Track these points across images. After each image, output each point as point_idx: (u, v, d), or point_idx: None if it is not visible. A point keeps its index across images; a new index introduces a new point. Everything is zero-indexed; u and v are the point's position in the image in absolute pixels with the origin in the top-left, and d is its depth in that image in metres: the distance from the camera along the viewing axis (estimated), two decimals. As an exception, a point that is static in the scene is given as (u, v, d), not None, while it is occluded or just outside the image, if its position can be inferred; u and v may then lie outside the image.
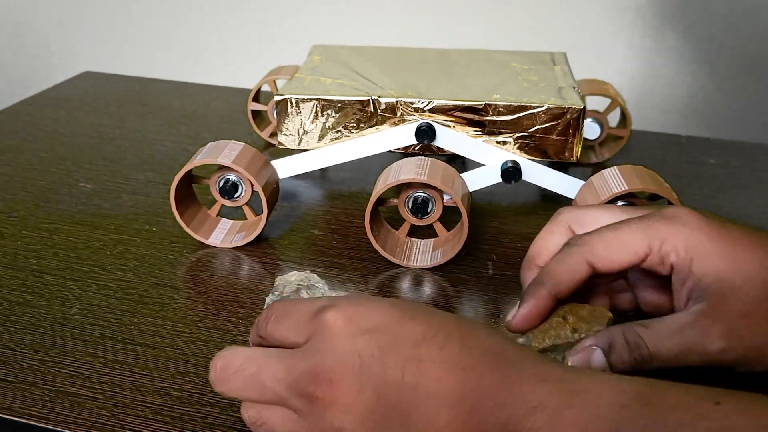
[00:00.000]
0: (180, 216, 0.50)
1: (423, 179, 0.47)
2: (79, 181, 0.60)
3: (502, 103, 0.51)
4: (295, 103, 0.52)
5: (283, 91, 0.53)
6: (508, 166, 0.52)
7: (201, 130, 0.71)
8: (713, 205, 0.60)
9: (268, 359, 0.30)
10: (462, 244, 0.49)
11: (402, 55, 0.62)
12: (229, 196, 0.51)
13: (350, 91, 0.53)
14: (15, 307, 0.44)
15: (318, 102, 0.52)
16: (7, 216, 0.54)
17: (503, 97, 0.52)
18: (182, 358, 0.40)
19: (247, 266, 0.49)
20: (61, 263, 0.49)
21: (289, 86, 0.54)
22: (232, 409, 0.37)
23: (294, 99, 0.52)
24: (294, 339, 0.31)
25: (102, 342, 0.41)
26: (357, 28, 1.20)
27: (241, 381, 0.30)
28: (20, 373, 0.39)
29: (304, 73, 0.57)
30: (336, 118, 0.53)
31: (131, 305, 0.45)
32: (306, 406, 0.29)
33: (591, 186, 0.49)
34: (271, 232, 0.53)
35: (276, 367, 0.30)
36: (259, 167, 0.50)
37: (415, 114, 0.52)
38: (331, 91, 0.53)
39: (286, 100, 0.53)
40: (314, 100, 0.52)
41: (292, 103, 0.53)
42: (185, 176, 0.50)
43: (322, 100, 0.52)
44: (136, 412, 0.36)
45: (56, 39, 1.40)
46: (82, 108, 0.76)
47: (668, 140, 0.73)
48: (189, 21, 1.30)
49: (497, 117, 0.51)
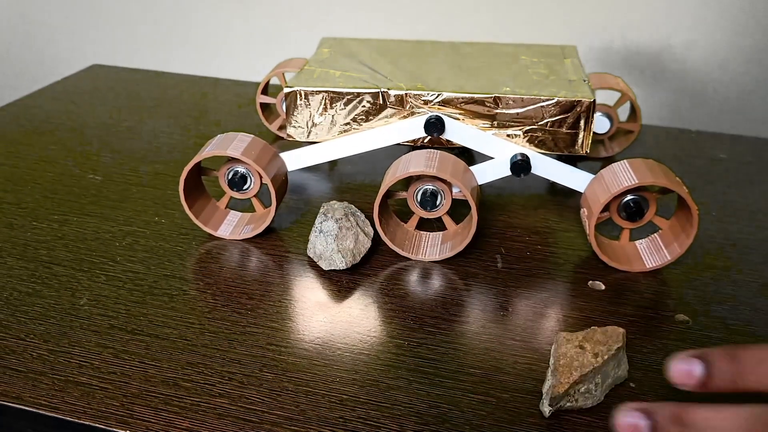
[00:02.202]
0: (189, 208, 0.50)
1: (432, 172, 0.47)
2: (88, 173, 0.60)
3: (511, 96, 0.51)
4: (305, 95, 0.52)
5: (293, 83, 0.53)
6: (517, 159, 0.51)
7: (209, 122, 0.71)
8: (724, 200, 0.59)
9: (725, 415, 0.29)
10: (471, 236, 0.48)
11: (411, 47, 0.62)
12: (237, 188, 0.51)
13: (359, 83, 0.53)
14: (25, 297, 0.44)
15: (327, 94, 0.52)
16: (17, 207, 0.54)
17: (513, 90, 0.51)
18: (191, 349, 0.40)
19: (255, 258, 0.49)
20: (70, 254, 0.49)
21: (298, 78, 0.54)
22: (240, 400, 0.37)
23: (303, 91, 0.52)
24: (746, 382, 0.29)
25: (111, 332, 0.41)
26: (366, 21, 1.19)
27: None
28: (30, 363, 0.39)
29: (313, 65, 0.56)
30: (345, 111, 0.52)
31: (140, 296, 0.45)
32: None
33: (601, 179, 0.49)
34: (280, 224, 0.53)
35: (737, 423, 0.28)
36: (267, 159, 0.50)
37: (425, 106, 0.52)
38: (341, 84, 0.53)
39: (295, 92, 0.53)
40: (323, 92, 0.52)
41: (302, 95, 0.52)
42: (194, 168, 0.50)
43: (331, 92, 0.52)
44: (146, 402, 0.37)
45: (65, 32, 1.40)
46: (91, 101, 0.76)
47: (678, 134, 0.73)
48: (197, 14, 1.30)
49: (507, 110, 0.51)
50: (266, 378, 0.38)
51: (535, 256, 0.51)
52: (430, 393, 0.38)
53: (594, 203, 0.48)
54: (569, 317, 0.44)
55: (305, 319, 0.43)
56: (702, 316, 0.45)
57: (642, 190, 0.48)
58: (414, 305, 0.45)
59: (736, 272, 0.50)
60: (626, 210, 0.49)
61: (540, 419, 0.37)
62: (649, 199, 0.49)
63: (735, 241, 0.53)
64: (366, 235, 0.48)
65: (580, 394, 0.37)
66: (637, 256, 0.50)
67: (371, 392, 0.38)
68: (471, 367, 0.40)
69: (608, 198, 0.47)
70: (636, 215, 0.49)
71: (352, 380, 0.39)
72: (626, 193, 0.48)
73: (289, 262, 0.49)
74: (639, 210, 0.49)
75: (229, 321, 0.43)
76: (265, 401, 0.37)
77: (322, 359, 0.40)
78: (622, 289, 0.47)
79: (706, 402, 0.29)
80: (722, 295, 0.47)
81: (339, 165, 0.63)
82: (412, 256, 0.49)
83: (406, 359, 0.40)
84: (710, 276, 0.49)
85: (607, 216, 0.49)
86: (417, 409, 0.37)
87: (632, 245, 0.51)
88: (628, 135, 0.64)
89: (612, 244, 0.51)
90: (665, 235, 0.50)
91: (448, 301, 0.45)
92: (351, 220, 0.48)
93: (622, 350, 0.39)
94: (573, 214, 0.56)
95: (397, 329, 0.43)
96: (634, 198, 0.48)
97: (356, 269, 0.48)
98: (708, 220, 0.56)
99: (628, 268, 0.49)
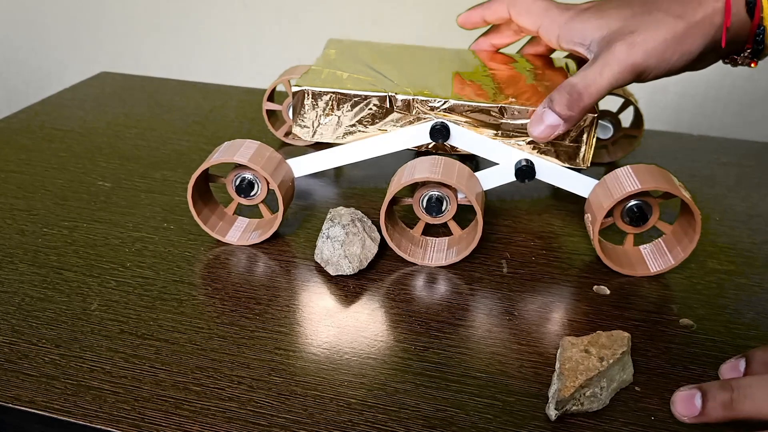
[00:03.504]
0: (197, 214, 0.51)
1: (438, 178, 0.47)
2: (97, 179, 0.61)
3: (517, 107, 0.51)
4: (312, 95, 0.53)
5: (301, 82, 0.54)
6: (522, 165, 0.52)
7: (217, 129, 0.72)
8: (726, 204, 0.60)
9: None
10: (476, 242, 0.49)
11: (418, 53, 0.62)
12: (245, 194, 0.52)
13: (367, 86, 0.53)
14: (37, 302, 0.45)
15: (335, 95, 0.53)
16: (27, 214, 0.55)
17: (518, 101, 0.52)
18: (201, 354, 0.41)
19: (263, 263, 0.50)
20: (80, 260, 0.49)
21: (306, 78, 0.54)
22: (249, 404, 0.37)
23: (311, 91, 0.53)
24: None
25: (122, 337, 0.42)
26: (373, 29, 1.20)
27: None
28: (42, 368, 0.39)
29: (320, 66, 0.57)
30: (352, 113, 0.53)
31: (150, 301, 0.45)
32: None
33: (604, 185, 0.49)
34: (287, 230, 0.54)
35: None
36: (274, 166, 0.51)
37: (431, 113, 0.52)
38: (348, 86, 0.53)
39: (303, 92, 0.53)
40: (331, 93, 0.53)
41: (309, 95, 0.53)
42: (202, 175, 0.50)
43: (339, 93, 0.53)
44: (156, 405, 0.37)
45: (73, 40, 1.41)
46: (99, 108, 0.77)
47: (681, 139, 0.73)
48: (205, 22, 1.31)
49: (512, 120, 0.52)
50: (275, 382, 0.39)
51: (539, 261, 0.51)
52: (437, 396, 0.38)
53: (598, 209, 0.49)
54: (574, 321, 0.45)
55: (313, 324, 0.44)
56: (706, 320, 0.45)
57: (645, 195, 0.49)
58: (420, 310, 0.45)
59: (740, 277, 0.50)
60: (630, 215, 0.49)
61: (546, 423, 0.37)
62: (653, 205, 0.49)
63: (738, 245, 0.54)
64: (373, 240, 0.49)
65: (586, 398, 0.37)
66: (641, 261, 0.50)
67: (378, 396, 0.38)
68: (477, 370, 0.40)
69: (612, 203, 0.47)
70: (640, 220, 0.49)
71: (359, 384, 0.39)
72: (630, 199, 0.49)
73: (296, 268, 0.49)
74: (642, 215, 0.49)
75: (238, 326, 0.43)
76: (273, 405, 0.37)
77: (329, 363, 0.41)
78: (626, 294, 0.48)
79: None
80: (726, 300, 0.47)
81: (345, 170, 0.64)
82: (419, 262, 0.50)
83: (412, 363, 0.41)
84: (714, 280, 0.49)
85: (611, 221, 0.50)
86: (424, 412, 0.37)
87: (636, 250, 0.51)
88: (632, 140, 0.65)
89: (616, 249, 0.51)
90: (669, 240, 0.50)
91: (454, 306, 0.46)
92: (358, 226, 0.48)
93: (627, 354, 0.39)
94: (577, 219, 0.57)
95: (404, 333, 0.43)
96: (637, 203, 0.49)
97: (363, 274, 0.49)
98: (711, 224, 0.57)
99: (632, 273, 0.49)
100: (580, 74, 0.48)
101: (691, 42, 0.47)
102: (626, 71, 0.47)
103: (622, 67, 0.47)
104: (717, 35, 0.48)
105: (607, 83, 0.48)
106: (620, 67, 0.47)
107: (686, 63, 0.48)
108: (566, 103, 0.48)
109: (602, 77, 0.47)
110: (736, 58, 0.51)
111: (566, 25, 0.52)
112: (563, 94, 0.48)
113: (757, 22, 0.47)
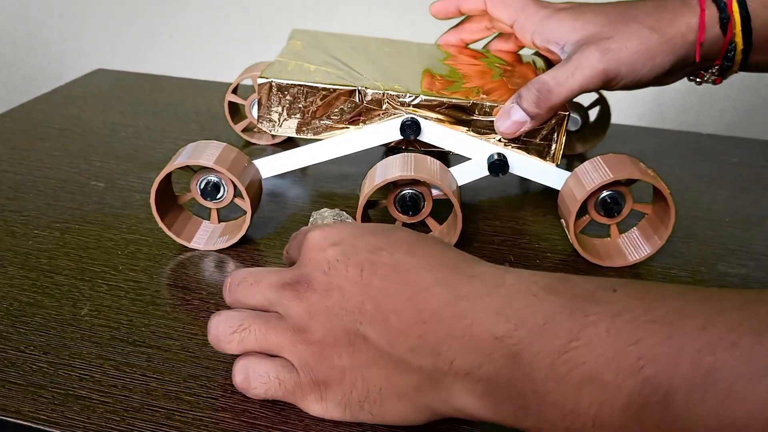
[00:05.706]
0: (161, 219, 0.49)
1: (411, 175, 0.46)
2: (90, 179, 0.59)
3: (488, 104, 0.50)
4: (278, 88, 0.51)
5: (267, 74, 0.51)
6: (494, 159, 0.51)
7: (214, 127, 0.71)
8: (736, 204, 0.58)
9: (267, 272, 0.37)
10: (458, 234, 0.48)
11: (386, 46, 0.60)
12: (211, 197, 0.50)
13: (336, 79, 0.51)
14: (26, 307, 0.44)
15: (302, 88, 0.51)
16: (18, 215, 0.54)
17: (490, 98, 0.51)
18: (194, 361, 0.40)
19: (264, 266, 0.48)
20: (72, 263, 0.48)
21: (272, 70, 0.52)
22: (244, 414, 0.36)
23: (277, 83, 0.51)
24: (295, 257, 0.38)
25: (113, 344, 0.41)
26: (349, 23, 1.19)
27: (242, 289, 0.37)
28: (30, 376, 0.38)
29: (286, 57, 0.55)
30: (320, 106, 0.51)
31: (143, 306, 0.44)
32: (289, 302, 0.35)
33: (576, 177, 0.49)
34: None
35: (272, 277, 0.36)
36: (241, 167, 0.49)
37: (401, 108, 0.51)
38: (317, 78, 0.51)
39: (269, 84, 0.51)
40: (298, 86, 0.51)
41: (275, 88, 0.51)
42: (165, 179, 0.49)
43: (306, 86, 0.51)
44: (147, 416, 0.36)
45: (68, 37, 1.40)
46: (95, 106, 0.76)
47: (689, 138, 0.72)
48: (203, 19, 1.30)
49: (483, 117, 0.51)
50: (270, 391, 0.38)
51: (544, 264, 0.50)
52: (438, 407, 0.37)
53: (571, 201, 0.48)
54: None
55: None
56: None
57: (617, 184, 0.49)
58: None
59: (752, 281, 0.49)
60: (603, 206, 0.49)
61: None
62: (624, 193, 0.49)
63: (749, 247, 0.52)
64: None
65: None
66: (620, 252, 0.50)
67: (378, 406, 0.37)
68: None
69: (585, 195, 0.47)
70: (614, 211, 0.49)
71: (358, 394, 0.38)
72: (603, 189, 0.49)
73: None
74: (616, 204, 0.49)
75: (233, 332, 0.42)
76: (268, 416, 0.36)
77: (327, 372, 0.39)
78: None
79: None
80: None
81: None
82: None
83: (413, 371, 0.39)
84: (725, 284, 0.48)
85: (588, 219, 0.50)
86: (425, 423, 0.36)
87: (614, 241, 0.51)
88: (599, 133, 0.65)
89: (594, 242, 0.51)
90: (645, 228, 0.50)
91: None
92: None
93: None
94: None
95: (404, 340, 0.42)
96: (609, 194, 0.49)
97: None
98: (721, 226, 0.55)
99: (611, 264, 0.49)
100: (551, 73, 0.49)
101: (662, 57, 0.48)
102: (597, 76, 0.48)
103: (593, 71, 0.48)
104: (688, 51, 0.49)
105: (577, 85, 0.48)
106: (591, 72, 0.48)
107: (655, 76, 0.49)
108: (534, 100, 0.48)
109: (573, 79, 0.48)
110: (704, 74, 0.52)
111: (542, 23, 0.52)
112: (532, 92, 0.49)
113: (729, 38, 0.48)
